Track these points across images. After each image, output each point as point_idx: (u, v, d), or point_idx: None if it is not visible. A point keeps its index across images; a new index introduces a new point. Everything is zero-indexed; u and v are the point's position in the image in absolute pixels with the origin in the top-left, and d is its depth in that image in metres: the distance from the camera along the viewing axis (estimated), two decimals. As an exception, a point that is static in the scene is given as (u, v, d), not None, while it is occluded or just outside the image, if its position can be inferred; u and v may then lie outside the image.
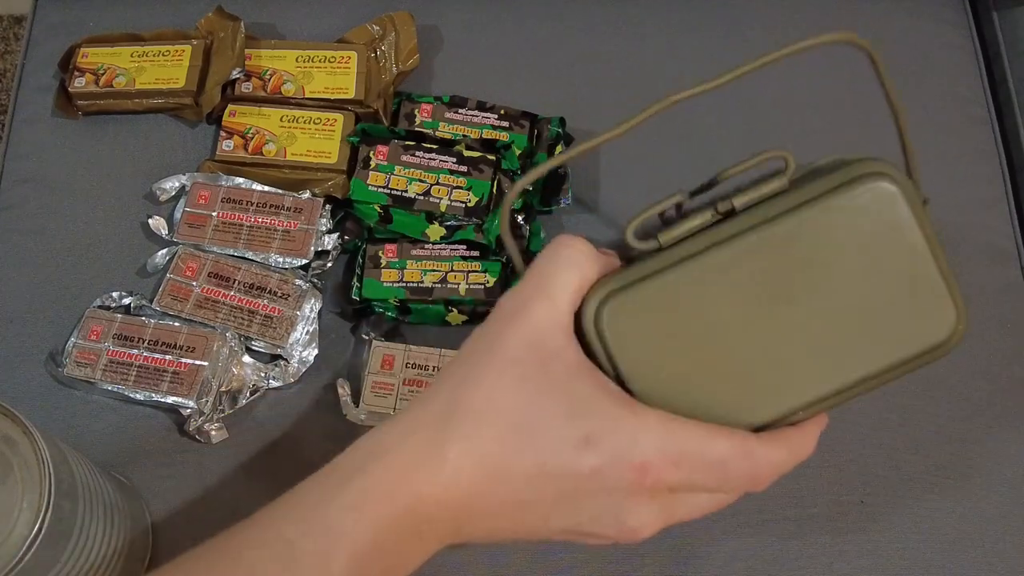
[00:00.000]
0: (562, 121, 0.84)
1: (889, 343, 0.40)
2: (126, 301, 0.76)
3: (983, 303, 0.79)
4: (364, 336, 0.75)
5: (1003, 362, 0.77)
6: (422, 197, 0.78)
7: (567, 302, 0.39)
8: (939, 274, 0.40)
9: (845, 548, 0.70)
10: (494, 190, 0.78)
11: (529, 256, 0.77)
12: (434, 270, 0.76)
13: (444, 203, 0.77)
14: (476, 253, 0.77)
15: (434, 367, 0.73)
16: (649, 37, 0.92)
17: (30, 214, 0.82)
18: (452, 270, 0.76)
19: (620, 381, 0.40)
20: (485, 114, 0.83)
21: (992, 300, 0.79)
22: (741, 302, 0.39)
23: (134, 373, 0.72)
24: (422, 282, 0.76)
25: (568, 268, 0.40)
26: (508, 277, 0.77)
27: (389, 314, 0.76)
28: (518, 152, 0.80)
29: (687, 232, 0.40)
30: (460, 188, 0.78)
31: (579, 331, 0.40)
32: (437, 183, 0.78)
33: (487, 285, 0.76)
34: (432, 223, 0.77)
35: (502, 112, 0.83)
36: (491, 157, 0.79)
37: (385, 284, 0.76)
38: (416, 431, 0.38)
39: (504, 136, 0.82)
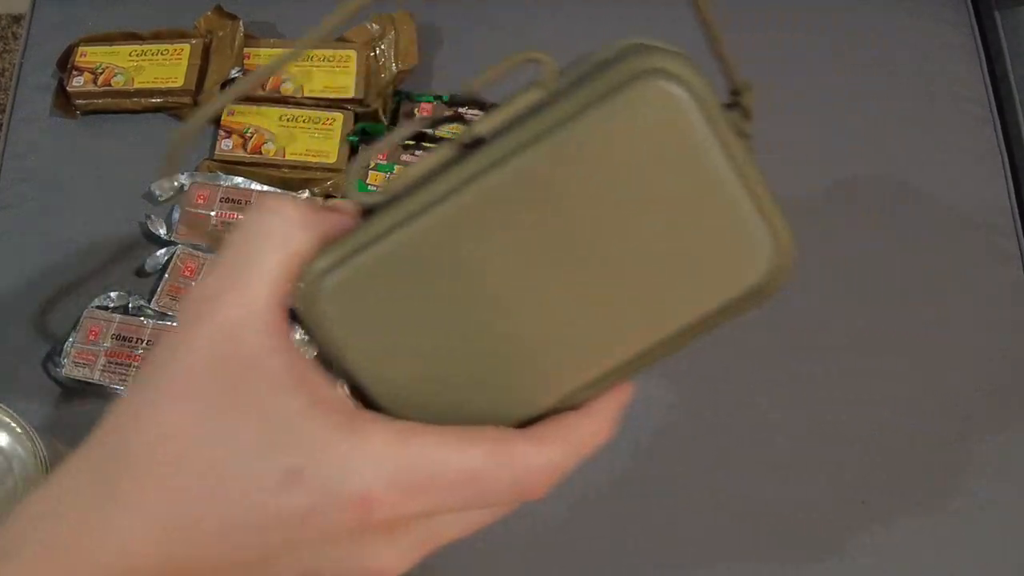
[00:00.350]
0: (562, 120, 0.83)
1: (690, 292, 0.31)
2: (124, 301, 0.76)
3: (984, 302, 0.79)
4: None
5: (1003, 362, 0.77)
6: None
7: (269, 290, 0.29)
8: (747, 198, 0.30)
9: (847, 548, 0.70)
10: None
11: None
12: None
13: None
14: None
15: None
16: (650, 36, 0.91)
17: (28, 213, 0.82)
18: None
19: (354, 383, 0.31)
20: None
21: (993, 300, 0.79)
22: (496, 259, 0.30)
23: (133, 373, 0.72)
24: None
25: (269, 243, 0.30)
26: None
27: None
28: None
29: (424, 174, 0.31)
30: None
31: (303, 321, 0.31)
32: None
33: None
34: None
35: (502, 111, 0.83)
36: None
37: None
38: (77, 489, 0.30)
39: (504, 135, 0.82)
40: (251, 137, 0.82)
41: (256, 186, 0.79)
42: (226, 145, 0.81)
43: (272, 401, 0.29)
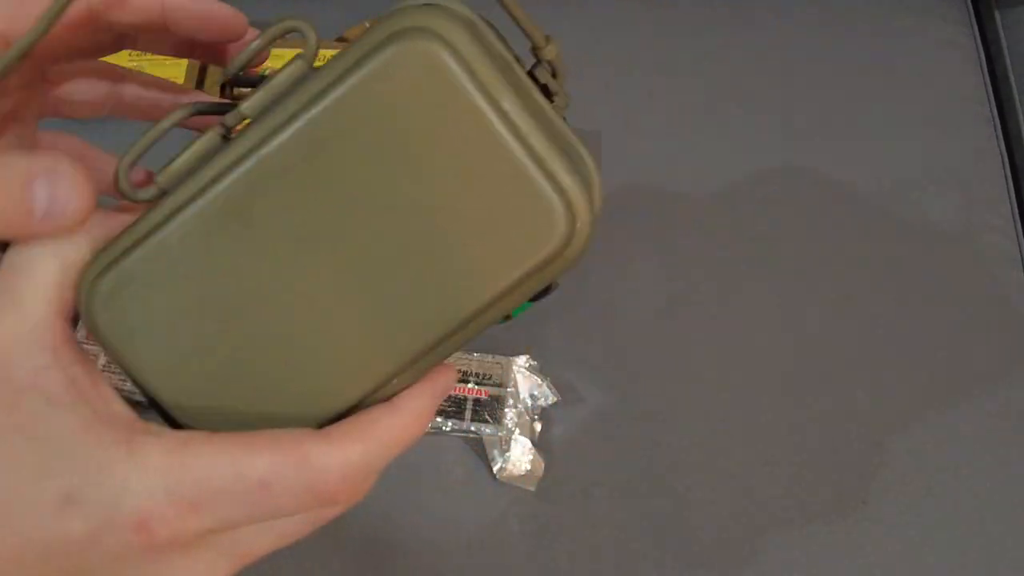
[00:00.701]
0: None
1: (485, 265, 0.29)
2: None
3: (984, 303, 0.79)
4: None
5: (1004, 362, 0.77)
6: None
7: (44, 305, 0.28)
8: (527, 159, 0.28)
9: (847, 548, 0.70)
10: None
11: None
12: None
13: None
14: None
15: (434, 367, 0.73)
16: (651, 36, 0.91)
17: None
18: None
19: (147, 394, 0.30)
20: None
21: (993, 300, 0.79)
22: (267, 250, 0.28)
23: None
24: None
25: (42, 252, 0.28)
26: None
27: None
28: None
29: (190, 163, 0.29)
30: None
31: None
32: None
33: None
34: None
35: (502, 111, 0.83)
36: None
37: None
38: None
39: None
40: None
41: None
42: None
43: (49, 421, 0.27)
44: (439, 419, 0.72)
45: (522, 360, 0.74)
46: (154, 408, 0.31)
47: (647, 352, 0.76)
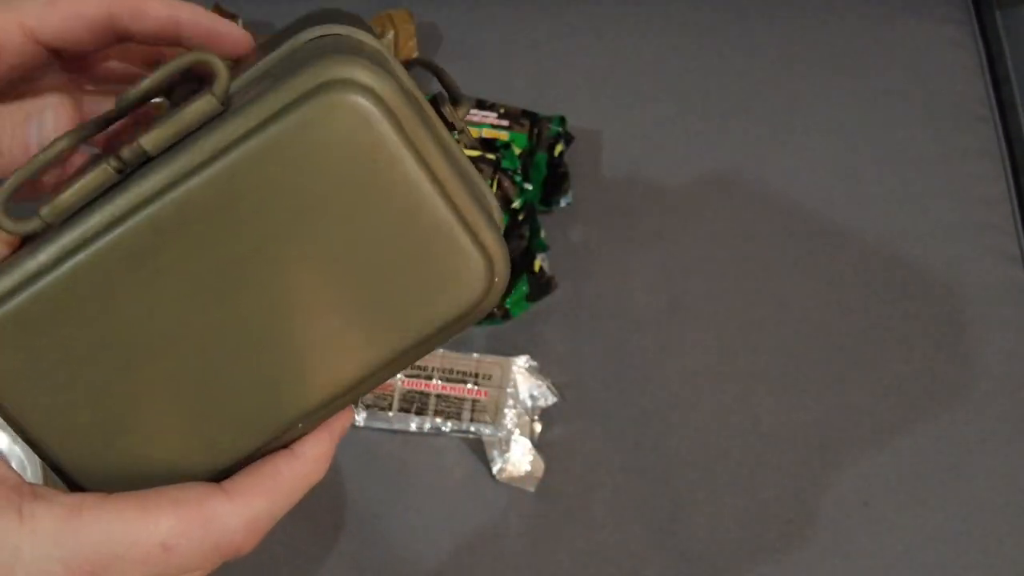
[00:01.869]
0: (563, 120, 0.83)
1: (400, 319, 0.28)
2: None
3: (985, 302, 0.79)
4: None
5: (1004, 362, 0.77)
6: None
7: None
8: (452, 216, 0.27)
9: (849, 549, 0.70)
10: (494, 190, 0.78)
11: (529, 256, 0.77)
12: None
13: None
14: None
15: (433, 368, 0.73)
16: (649, 37, 0.91)
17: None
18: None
19: (35, 448, 0.29)
20: (485, 113, 0.83)
21: (994, 300, 0.79)
22: (176, 295, 0.27)
23: None
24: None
25: None
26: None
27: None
28: (518, 151, 0.80)
29: (80, 196, 0.27)
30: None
31: None
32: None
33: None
34: None
35: (502, 111, 0.83)
36: (491, 156, 0.79)
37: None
38: None
39: (504, 135, 0.82)
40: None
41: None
42: None
43: None
44: (439, 420, 0.72)
45: (522, 360, 0.73)
46: (46, 463, 0.30)
47: (647, 352, 0.76)
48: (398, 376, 0.72)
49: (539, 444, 0.72)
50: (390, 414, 0.72)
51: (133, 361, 0.28)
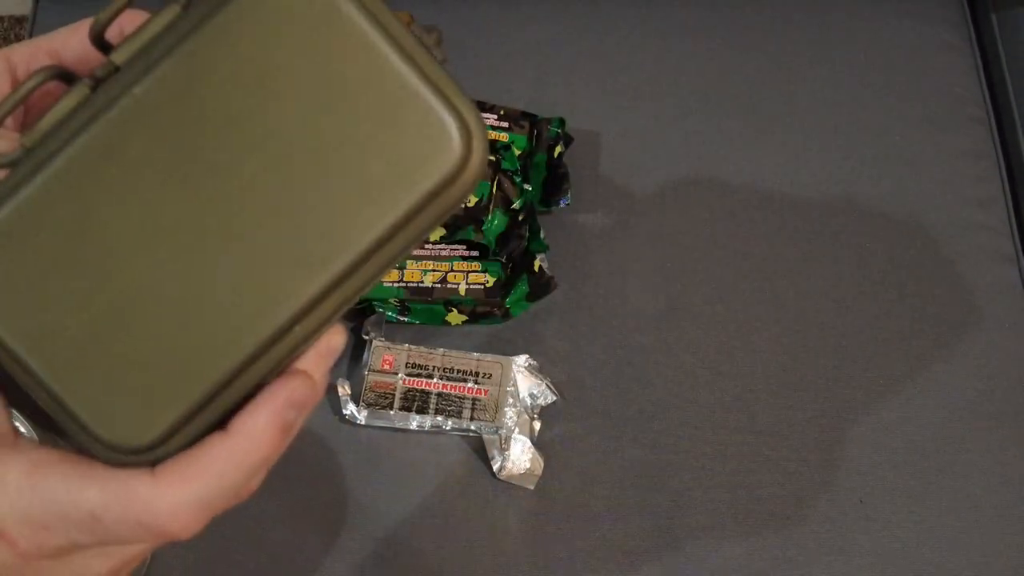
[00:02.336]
0: (562, 121, 0.84)
1: (377, 192, 0.27)
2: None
3: (981, 303, 0.79)
4: (364, 336, 0.75)
5: (1002, 362, 0.77)
6: None
7: None
8: (416, 77, 0.27)
9: (844, 547, 0.70)
10: (494, 190, 0.78)
11: (529, 256, 0.77)
12: (434, 270, 0.76)
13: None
14: (476, 253, 0.77)
15: (433, 367, 0.74)
16: (649, 37, 0.92)
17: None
18: (452, 270, 0.76)
19: (17, 362, 0.28)
20: (485, 114, 0.83)
21: (990, 300, 0.80)
22: (147, 190, 0.27)
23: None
24: (422, 282, 0.76)
25: None
26: (508, 276, 0.77)
27: (389, 314, 0.77)
28: (517, 152, 0.80)
29: (59, 118, 0.27)
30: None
31: None
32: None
33: (487, 285, 0.76)
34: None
35: (502, 112, 0.83)
36: (491, 157, 0.80)
37: (385, 284, 0.76)
38: None
39: (504, 136, 0.82)
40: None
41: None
42: None
43: None
44: (439, 418, 0.72)
45: (522, 360, 0.74)
46: (31, 390, 0.29)
47: (647, 352, 0.77)
48: (399, 375, 0.73)
49: (539, 442, 0.72)
50: (391, 412, 0.72)
51: (113, 263, 0.27)
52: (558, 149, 0.82)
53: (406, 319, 0.77)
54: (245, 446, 0.28)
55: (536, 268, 0.77)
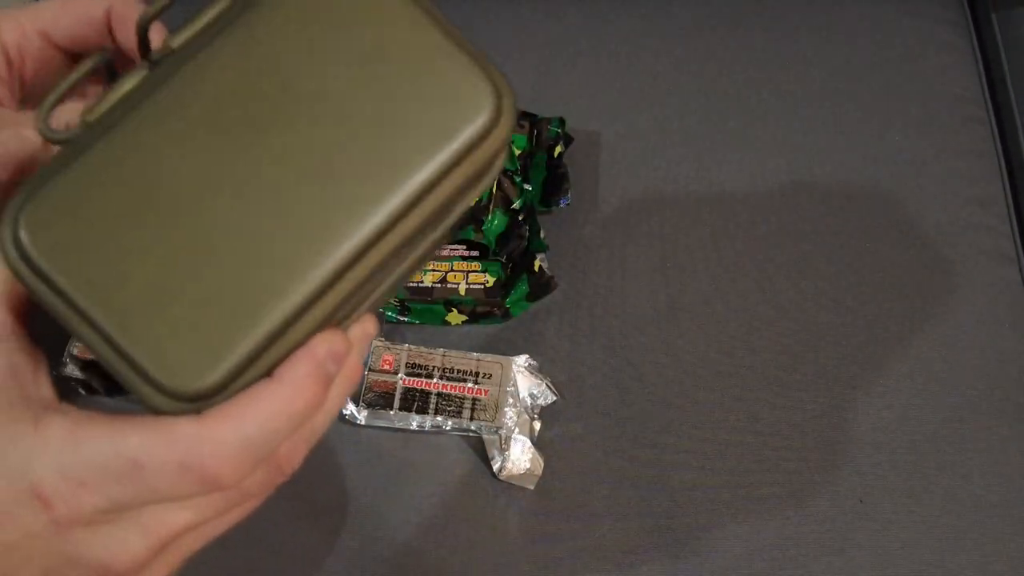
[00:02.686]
0: (562, 121, 0.84)
1: (416, 142, 0.29)
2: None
3: (981, 303, 0.79)
4: (364, 336, 0.75)
5: (1001, 362, 0.77)
6: None
7: None
8: (448, 40, 0.30)
9: (844, 546, 0.70)
10: (494, 190, 0.78)
11: (529, 256, 0.77)
12: (434, 270, 0.76)
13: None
14: (476, 253, 0.77)
15: (434, 367, 0.73)
16: (649, 37, 0.92)
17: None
18: (452, 270, 0.76)
19: (84, 315, 0.29)
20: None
21: (991, 300, 0.80)
22: (209, 146, 0.29)
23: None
24: (422, 282, 0.76)
25: None
26: (508, 276, 0.77)
27: (389, 314, 0.76)
28: (517, 152, 0.80)
29: (119, 96, 0.30)
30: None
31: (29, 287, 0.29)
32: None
33: (487, 285, 0.76)
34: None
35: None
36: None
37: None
38: None
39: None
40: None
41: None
42: None
43: None
44: (439, 418, 0.72)
45: (522, 360, 0.74)
46: (93, 344, 0.30)
47: (647, 352, 0.77)
48: (399, 375, 0.73)
49: (539, 442, 0.72)
50: (391, 412, 0.72)
51: (175, 215, 0.28)
52: (558, 149, 0.82)
53: (406, 319, 0.77)
54: (288, 391, 0.29)
55: (536, 268, 0.77)
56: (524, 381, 0.73)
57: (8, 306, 0.31)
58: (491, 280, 0.76)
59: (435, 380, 0.73)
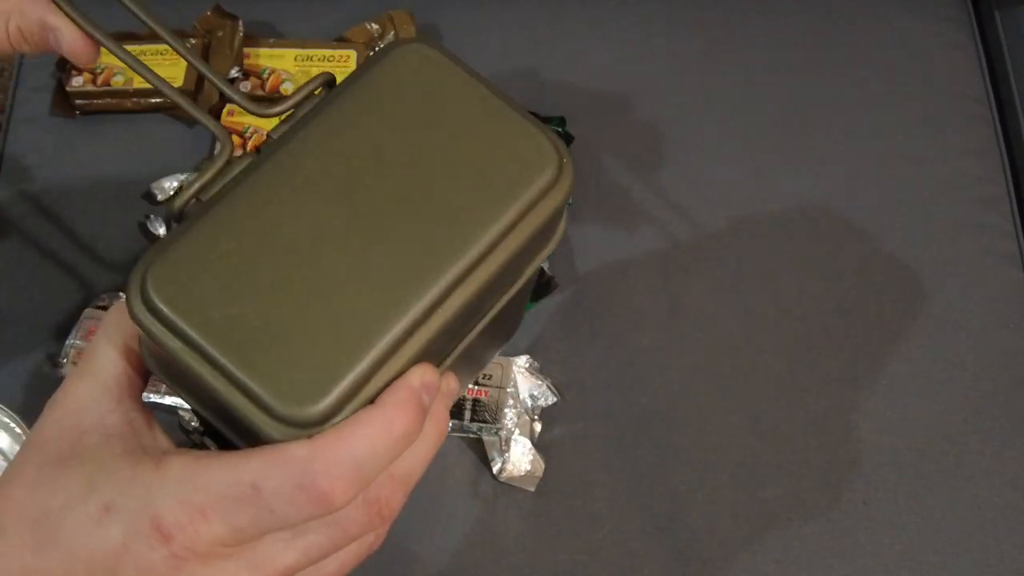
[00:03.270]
0: (562, 120, 0.83)
1: (490, 197, 0.34)
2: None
3: (984, 302, 0.79)
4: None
5: (1003, 362, 0.77)
6: None
7: (111, 364, 0.35)
8: (513, 109, 0.35)
9: (847, 548, 0.70)
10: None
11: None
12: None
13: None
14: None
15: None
16: (649, 37, 0.91)
17: (27, 214, 0.81)
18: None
19: (211, 360, 0.32)
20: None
21: (995, 299, 0.79)
22: (311, 203, 0.33)
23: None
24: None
25: (106, 331, 0.36)
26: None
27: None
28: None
29: (230, 179, 0.34)
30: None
31: (154, 349, 0.34)
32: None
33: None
34: None
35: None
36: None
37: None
38: None
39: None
40: (250, 138, 0.82)
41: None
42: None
43: (102, 450, 0.33)
44: (439, 419, 0.72)
45: (522, 360, 0.73)
46: (202, 422, 0.35)
47: (647, 352, 0.76)
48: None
49: (539, 444, 0.72)
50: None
51: (287, 261, 0.32)
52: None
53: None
54: (389, 413, 0.32)
55: (536, 268, 0.76)
56: (524, 382, 0.73)
57: (127, 373, 0.35)
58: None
59: (435, 381, 0.73)
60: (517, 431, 0.71)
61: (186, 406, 0.37)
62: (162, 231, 0.78)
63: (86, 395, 0.35)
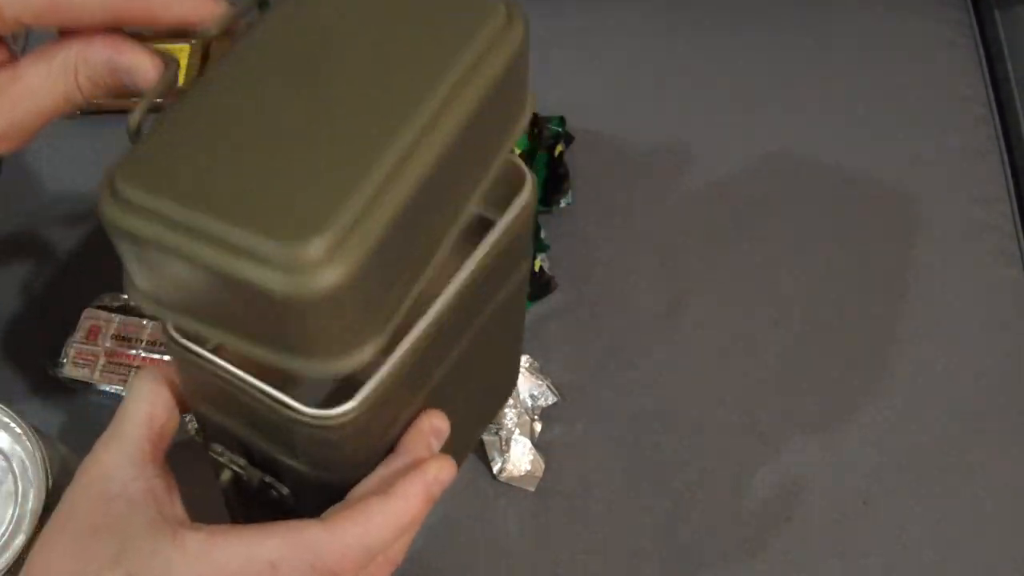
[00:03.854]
0: (562, 119, 0.83)
1: (433, 52, 0.34)
2: (124, 301, 0.76)
3: (985, 303, 0.79)
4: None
5: (1003, 362, 0.77)
6: None
7: (138, 432, 0.38)
8: None
9: (847, 548, 0.70)
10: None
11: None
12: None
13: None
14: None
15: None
16: (650, 36, 0.91)
17: (28, 213, 0.81)
18: (452, 270, 0.76)
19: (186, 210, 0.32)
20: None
21: (993, 300, 0.79)
22: (273, 88, 0.34)
23: (133, 374, 0.72)
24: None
25: (135, 399, 0.39)
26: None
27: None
28: (518, 151, 0.80)
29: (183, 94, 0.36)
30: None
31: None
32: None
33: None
34: None
35: (502, 111, 0.83)
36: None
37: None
38: None
39: (504, 135, 0.82)
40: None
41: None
42: None
43: (128, 520, 0.35)
44: (439, 419, 0.72)
45: (522, 360, 0.73)
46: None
47: (647, 352, 0.76)
48: (398, 376, 0.73)
49: (539, 444, 0.72)
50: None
51: (255, 132, 0.32)
52: (559, 148, 0.82)
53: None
54: (400, 506, 0.35)
55: (536, 268, 0.76)
56: (524, 382, 0.73)
57: (149, 439, 0.38)
58: (491, 280, 0.76)
59: (435, 381, 0.73)
60: (517, 431, 0.71)
61: (219, 448, 0.40)
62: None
63: (111, 462, 0.37)
